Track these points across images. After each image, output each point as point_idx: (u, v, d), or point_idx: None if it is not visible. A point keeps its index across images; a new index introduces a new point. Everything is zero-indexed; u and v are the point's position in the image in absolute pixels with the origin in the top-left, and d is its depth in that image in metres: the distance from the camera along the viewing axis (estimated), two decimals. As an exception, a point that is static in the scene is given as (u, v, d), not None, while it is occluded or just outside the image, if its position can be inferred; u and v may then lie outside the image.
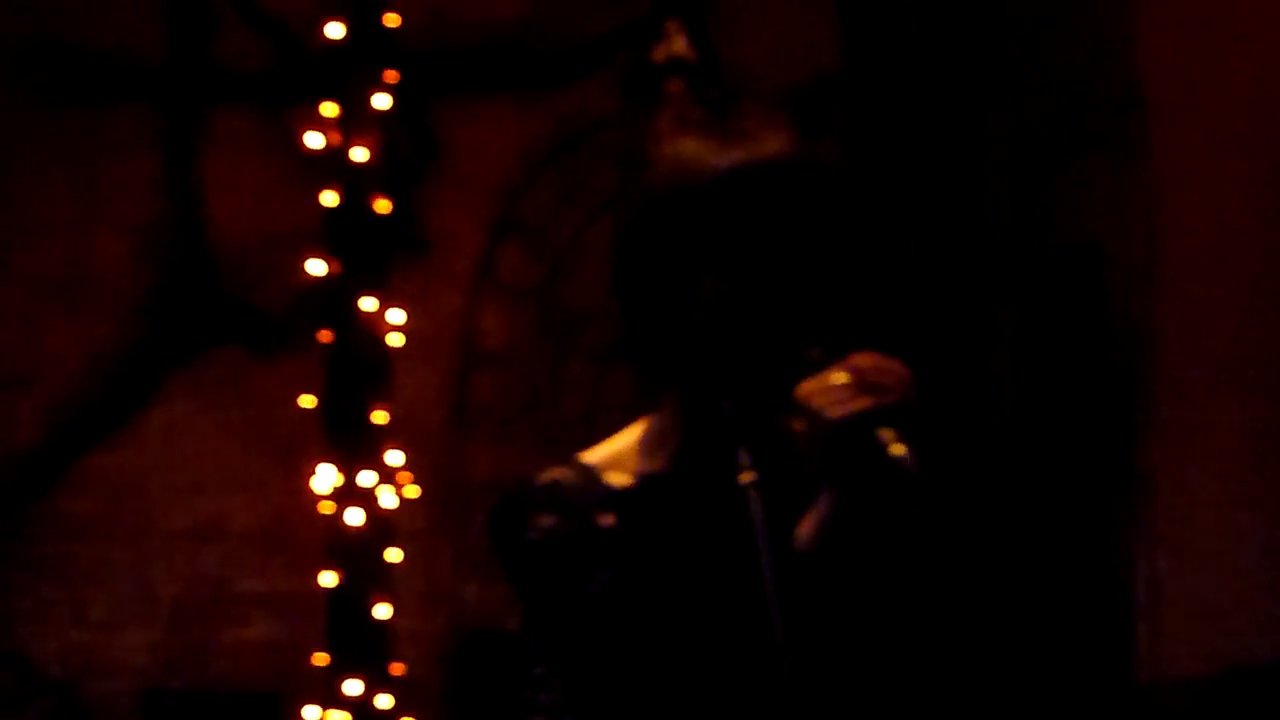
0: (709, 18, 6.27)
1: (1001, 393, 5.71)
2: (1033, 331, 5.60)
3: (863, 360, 2.28)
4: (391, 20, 5.59)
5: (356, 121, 5.58)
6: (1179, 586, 4.98)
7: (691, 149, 2.40)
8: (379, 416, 5.58)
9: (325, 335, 5.57)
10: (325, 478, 5.52)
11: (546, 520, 2.43)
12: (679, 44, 6.21)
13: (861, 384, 2.27)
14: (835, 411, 2.26)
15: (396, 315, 5.61)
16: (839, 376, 2.27)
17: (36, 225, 6.09)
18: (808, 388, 2.31)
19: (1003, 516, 2.54)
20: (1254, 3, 4.98)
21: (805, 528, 2.32)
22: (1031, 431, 5.54)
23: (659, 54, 6.19)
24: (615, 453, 2.52)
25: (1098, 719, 4.69)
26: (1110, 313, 5.27)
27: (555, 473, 2.48)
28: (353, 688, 5.47)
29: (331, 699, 5.48)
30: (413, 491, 5.72)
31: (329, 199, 5.55)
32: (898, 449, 2.24)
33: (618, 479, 2.47)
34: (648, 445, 2.51)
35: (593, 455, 2.50)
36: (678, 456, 2.46)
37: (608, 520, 2.48)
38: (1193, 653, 4.91)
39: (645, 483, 2.48)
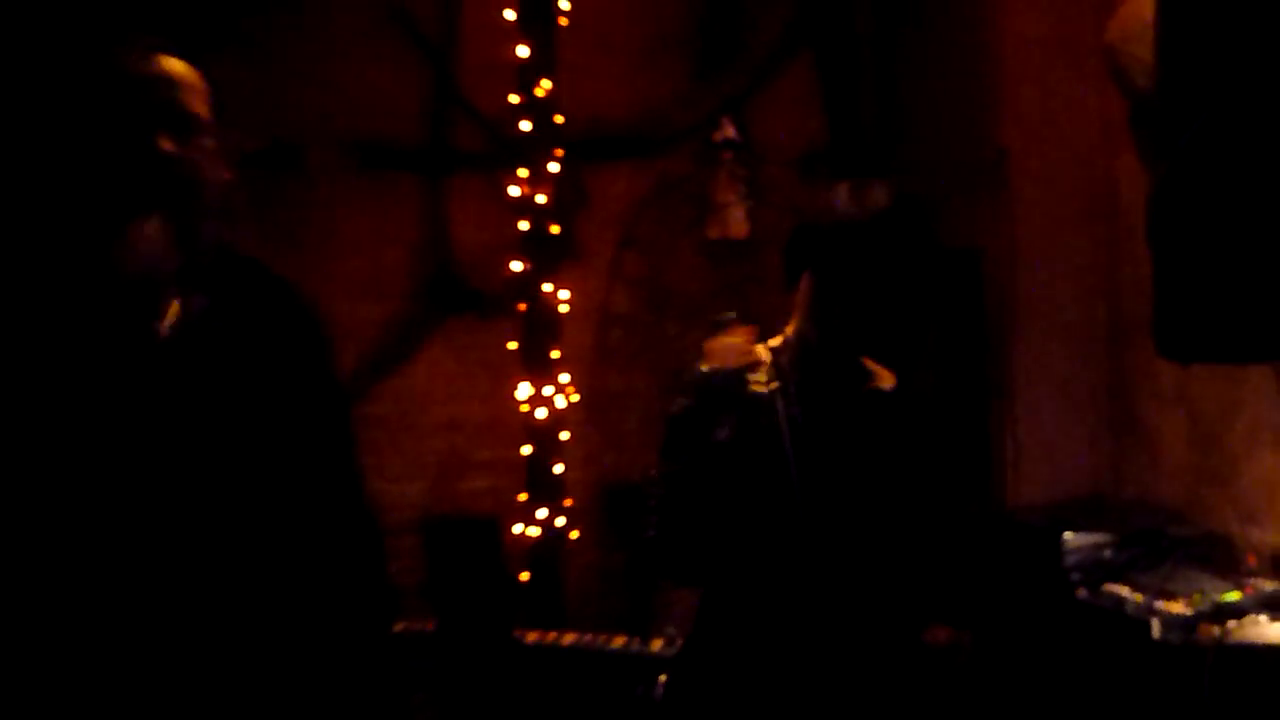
0: (747, 114, 6.29)
1: (926, 339, 5.61)
2: (943, 301, 5.45)
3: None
4: (559, 119, 5.69)
5: (538, 180, 5.67)
6: (1030, 449, 4.97)
7: (841, 201, 2.60)
8: (554, 354, 5.70)
9: (522, 306, 5.67)
10: (523, 390, 5.64)
11: (685, 401, 2.52)
12: (729, 130, 6.24)
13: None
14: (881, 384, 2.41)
15: (564, 294, 5.74)
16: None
17: (351, 246, 6.05)
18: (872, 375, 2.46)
19: (926, 413, 2.62)
20: (1074, 99, 4.93)
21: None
22: (944, 361, 5.42)
23: (717, 137, 6.23)
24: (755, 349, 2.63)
25: (983, 529, 4.50)
26: (988, 290, 5.21)
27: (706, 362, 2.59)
28: (541, 514, 5.61)
29: (529, 520, 5.59)
30: (575, 398, 5.82)
31: (523, 226, 5.67)
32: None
33: (745, 370, 2.58)
34: (768, 350, 2.62)
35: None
36: (773, 365, 2.56)
37: (730, 398, 2.57)
38: (1039, 488, 4.90)
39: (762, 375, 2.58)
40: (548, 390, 5.64)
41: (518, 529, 5.54)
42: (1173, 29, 2.73)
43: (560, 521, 5.64)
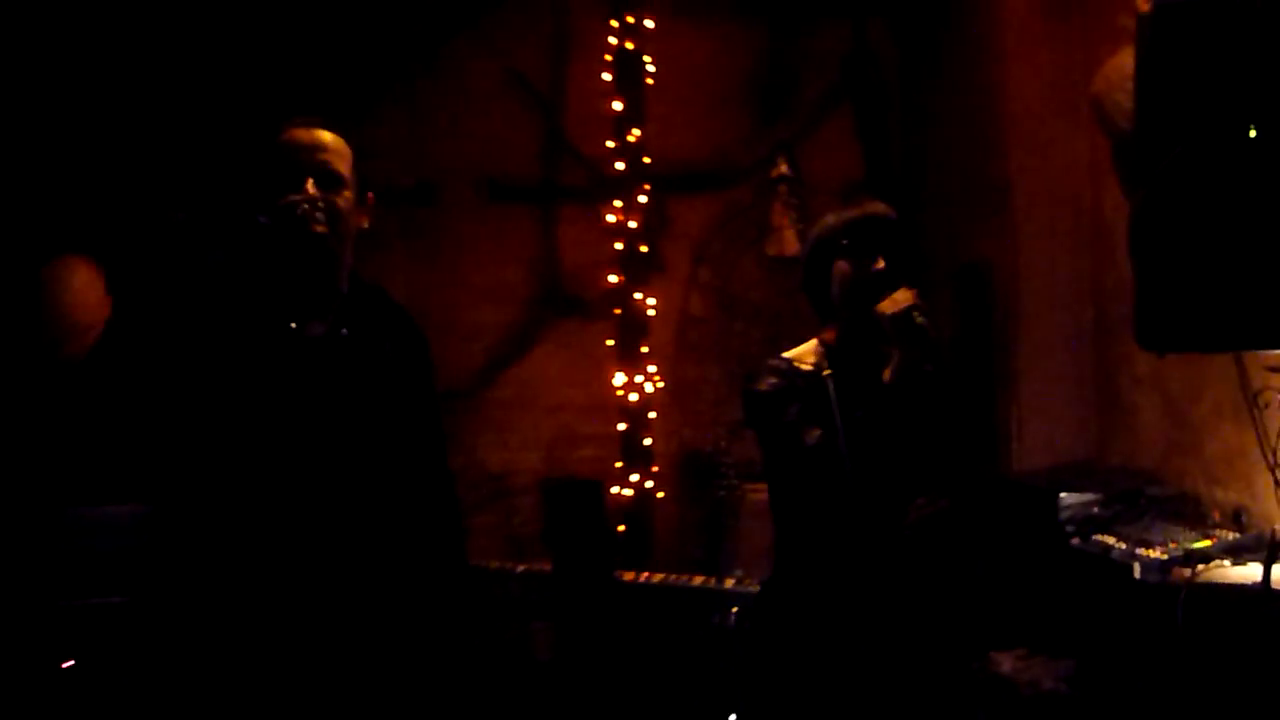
0: (798, 154, 6.24)
1: (946, 334, 5.64)
2: (960, 305, 5.45)
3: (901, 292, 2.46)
4: (647, 160, 5.71)
5: (630, 209, 5.69)
6: (1031, 426, 4.90)
7: (840, 212, 2.64)
8: (643, 349, 5.71)
9: (617, 311, 5.69)
10: (618, 378, 5.65)
11: (773, 379, 2.53)
12: (784, 167, 6.20)
13: (903, 299, 2.45)
14: (894, 309, 2.43)
15: (651, 301, 5.74)
16: (899, 295, 2.45)
17: (479, 263, 6.08)
18: (882, 305, 2.47)
19: (948, 395, 2.61)
20: (1066, 139, 4.83)
21: (888, 372, 2.46)
22: (962, 353, 5.38)
23: (774, 172, 6.19)
24: (801, 352, 2.63)
25: (991, 488, 4.44)
26: (995, 296, 5.14)
27: (775, 360, 2.60)
28: (634, 477, 5.62)
29: (624, 483, 5.61)
30: (660, 384, 5.82)
31: (618, 246, 5.69)
32: (921, 319, 2.40)
33: (801, 365, 2.59)
34: (815, 351, 2.62)
35: (790, 352, 2.64)
36: (825, 359, 2.57)
37: (799, 382, 2.58)
38: (1038, 457, 4.83)
39: (813, 369, 2.58)
40: (638, 378, 5.66)
41: (615, 490, 5.57)
42: (1149, 81, 2.72)
43: (649, 484, 5.66)
